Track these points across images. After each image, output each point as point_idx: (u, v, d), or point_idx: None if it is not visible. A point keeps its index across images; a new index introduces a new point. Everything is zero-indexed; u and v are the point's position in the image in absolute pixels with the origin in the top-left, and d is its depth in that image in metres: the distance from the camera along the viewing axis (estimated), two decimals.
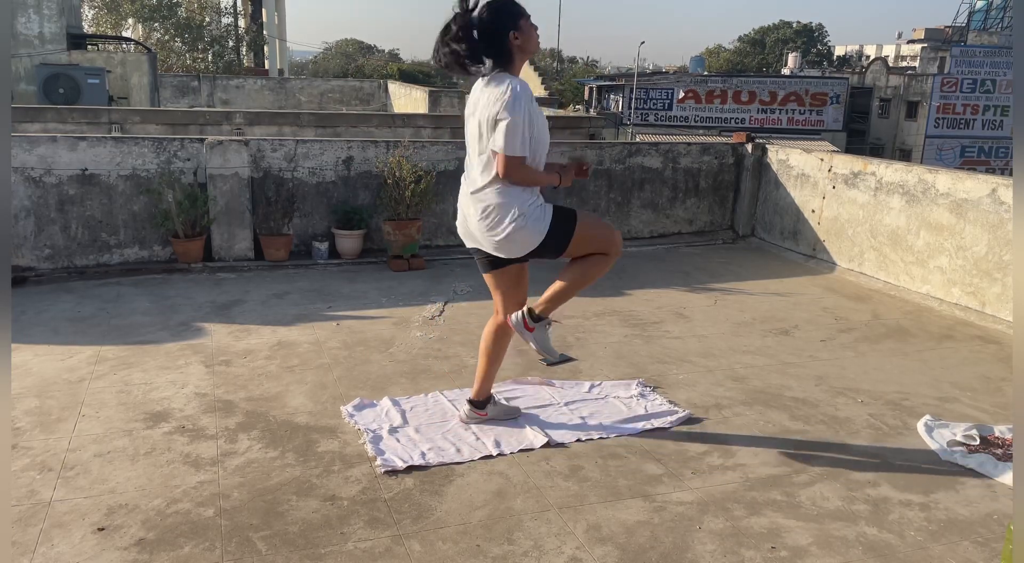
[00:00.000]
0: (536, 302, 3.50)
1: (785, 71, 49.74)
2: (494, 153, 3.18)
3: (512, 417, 3.78)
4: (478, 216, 3.30)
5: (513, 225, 3.25)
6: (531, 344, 3.52)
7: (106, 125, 10.31)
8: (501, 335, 3.61)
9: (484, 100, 3.22)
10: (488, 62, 3.23)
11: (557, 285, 3.47)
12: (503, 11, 3.19)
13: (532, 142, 3.22)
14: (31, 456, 3.31)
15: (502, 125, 3.14)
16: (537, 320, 3.49)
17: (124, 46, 25.71)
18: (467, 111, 3.38)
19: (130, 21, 36.26)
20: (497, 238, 3.28)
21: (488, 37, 3.20)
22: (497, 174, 3.20)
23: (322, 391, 4.06)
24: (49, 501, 2.98)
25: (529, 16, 3.27)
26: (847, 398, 4.17)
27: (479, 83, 3.30)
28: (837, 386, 4.32)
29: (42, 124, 9.97)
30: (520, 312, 3.49)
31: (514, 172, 3.19)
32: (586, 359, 4.62)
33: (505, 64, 3.22)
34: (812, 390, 4.26)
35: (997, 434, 3.74)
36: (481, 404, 3.72)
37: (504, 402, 3.86)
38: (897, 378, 4.48)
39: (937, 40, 52.95)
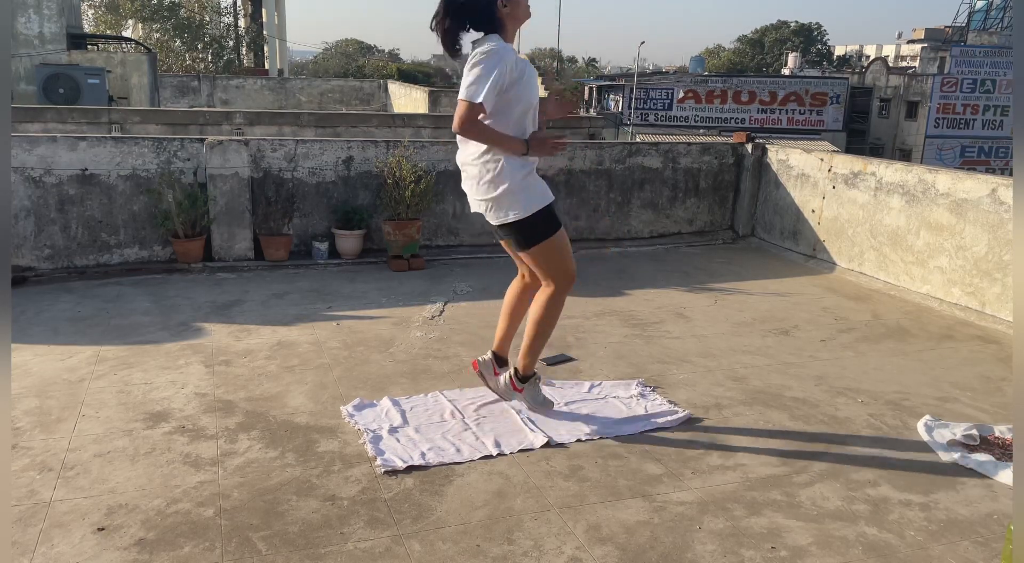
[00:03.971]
0: (516, 361, 3.64)
1: (785, 71, 49.74)
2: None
3: (545, 407, 3.74)
4: (471, 182, 3.34)
5: (505, 186, 3.25)
6: (522, 403, 3.68)
7: (106, 125, 10.32)
8: (523, 296, 3.71)
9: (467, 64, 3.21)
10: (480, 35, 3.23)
11: (525, 339, 3.56)
12: None
13: (512, 101, 3.20)
14: (31, 456, 3.31)
15: (467, 76, 3.11)
16: (524, 379, 3.64)
17: (124, 46, 25.72)
18: None
19: (130, 21, 36.26)
20: (487, 196, 3.30)
21: (475, 8, 3.18)
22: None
23: (322, 391, 4.06)
24: (49, 501, 2.98)
25: None
26: (847, 398, 4.17)
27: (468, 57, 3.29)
28: (837, 386, 4.32)
29: (42, 124, 9.99)
30: (506, 375, 3.67)
31: (467, 124, 3.11)
32: (586, 359, 4.62)
33: (496, 33, 3.22)
34: (812, 390, 4.26)
35: (997, 434, 3.74)
36: (501, 362, 3.81)
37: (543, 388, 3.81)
38: (897, 378, 4.48)
39: (937, 40, 52.97)
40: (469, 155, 3.34)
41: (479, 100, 3.11)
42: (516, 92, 3.21)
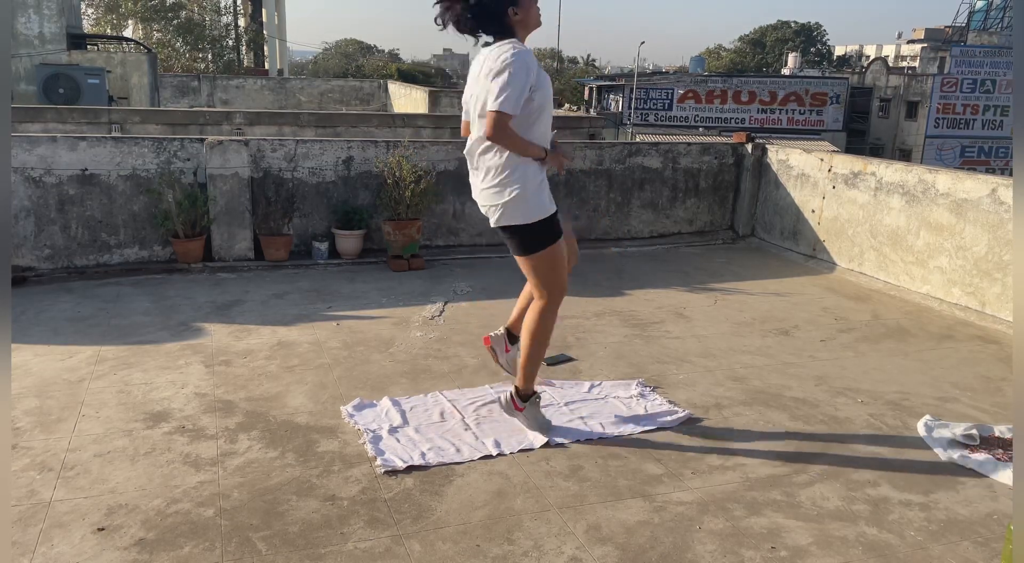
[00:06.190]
0: (516, 380, 3.60)
1: (785, 71, 49.74)
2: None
3: (543, 427, 3.65)
4: (484, 178, 3.32)
5: (516, 191, 3.25)
6: (523, 422, 3.62)
7: (106, 125, 10.31)
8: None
9: (486, 66, 3.19)
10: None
11: (522, 356, 3.54)
12: None
13: (534, 109, 3.20)
14: (31, 456, 3.31)
15: (496, 82, 3.10)
16: (525, 398, 3.59)
17: (124, 46, 25.71)
18: (468, 81, 3.36)
19: (130, 21, 36.25)
20: (500, 201, 3.28)
21: (487, 14, 3.19)
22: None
23: (322, 391, 4.06)
24: (49, 501, 2.98)
25: None
26: (847, 398, 4.17)
27: (480, 52, 3.28)
28: (837, 386, 4.32)
29: (42, 124, 9.97)
30: (508, 393, 3.62)
31: (500, 131, 3.12)
32: (586, 359, 4.62)
33: (512, 37, 3.23)
34: (812, 390, 4.26)
35: (997, 434, 3.74)
36: (513, 338, 3.84)
37: (542, 409, 3.73)
38: (897, 378, 4.48)
39: (937, 40, 52.99)
40: (486, 153, 3.30)
41: (510, 110, 3.12)
42: (537, 99, 3.21)
